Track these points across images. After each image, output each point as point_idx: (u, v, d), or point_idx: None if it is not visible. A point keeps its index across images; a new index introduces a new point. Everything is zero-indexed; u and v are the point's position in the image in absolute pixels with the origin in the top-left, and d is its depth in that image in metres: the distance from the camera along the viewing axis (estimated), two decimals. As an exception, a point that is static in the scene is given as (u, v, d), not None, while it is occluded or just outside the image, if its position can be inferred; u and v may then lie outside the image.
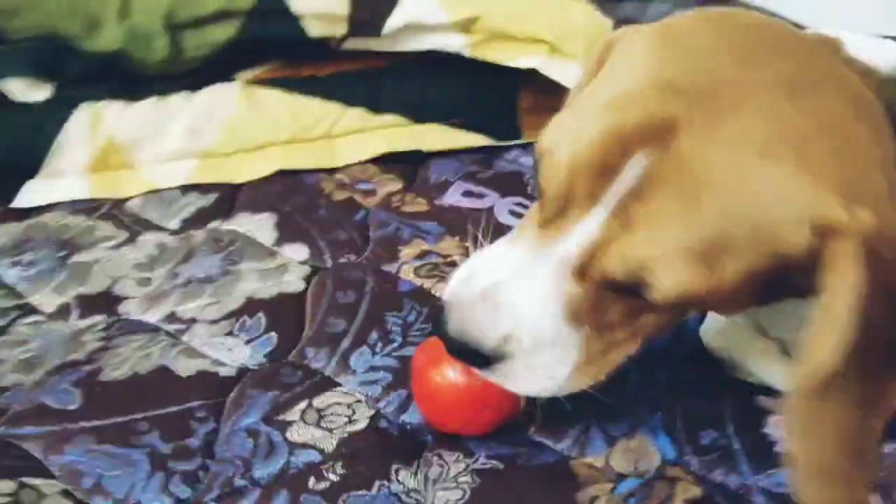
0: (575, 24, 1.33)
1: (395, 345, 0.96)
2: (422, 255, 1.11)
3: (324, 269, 1.09)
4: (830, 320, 0.55)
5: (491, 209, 1.23)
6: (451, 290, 0.68)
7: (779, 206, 0.56)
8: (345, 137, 1.34)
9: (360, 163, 1.33)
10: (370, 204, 1.24)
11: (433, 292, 1.05)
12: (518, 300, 0.63)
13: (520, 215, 1.22)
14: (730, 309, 0.68)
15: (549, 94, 1.41)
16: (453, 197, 1.26)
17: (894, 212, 0.57)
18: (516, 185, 1.30)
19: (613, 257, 0.58)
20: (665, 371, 0.88)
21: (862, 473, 0.61)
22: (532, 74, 1.37)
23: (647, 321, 0.65)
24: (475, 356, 0.66)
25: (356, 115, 1.34)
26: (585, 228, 0.59)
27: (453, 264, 1.09)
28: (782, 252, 0.57)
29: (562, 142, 0.60)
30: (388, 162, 1.34)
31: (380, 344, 0.96)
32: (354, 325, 0.98)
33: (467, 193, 1.27)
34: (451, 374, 0.75)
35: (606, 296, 0.62)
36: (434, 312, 0.77)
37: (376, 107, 1.36)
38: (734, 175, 0.56)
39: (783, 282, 0.59)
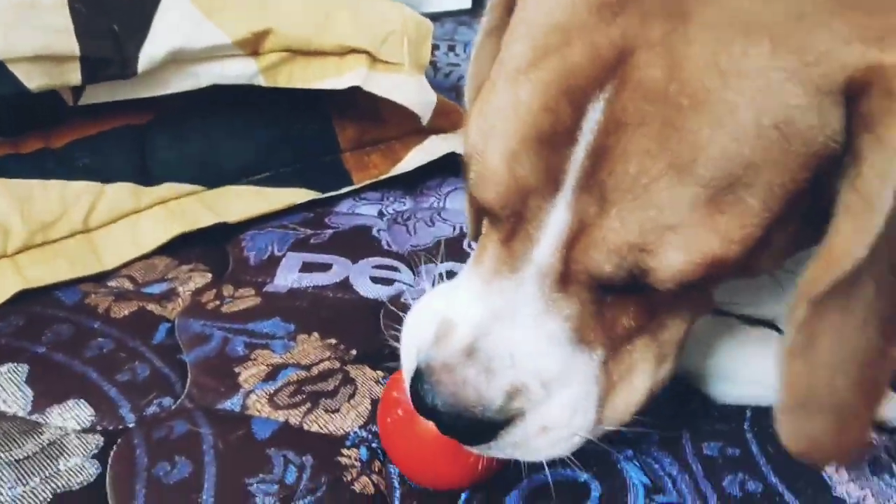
0: (391, 22, 1.02)
1: (277, 529, 0.58)
2: (273, 374, 0.74)
3: (125, 433, 0.68)
4: (862, 198, 0.45)
5: (346, 281, 0.88)
6: (424, 353, 0.55)
7: (791, 91, 0.44)
8: (110, 227, 0.93)
9: (142, 257, 0.93)
10: (172, 313, 0.84)
11: (306, 427, 0.68)
12: (509, 343, 0.52)
13: (385, 280, 0.89)
14: (763, 262, 0.53)
15: (375, 123, 1.10)
16: (289, 276, 0.90)
17: None
18: (365, 242, 0.97)
19: (596, 249, 0.48)
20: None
21: (870, 407, 0.52)
22: (349, 100, 1.05)
23: (670, 321, 0.55)
24: (478, 430, 0.53)
25: (121, 193, 0.94)
26: (553, 225, 0.49)
27: (324, 377, 0.73)
28: (812, 154, 0.46)
29: (491, 130, 0.50)
30: (181, 249, 0.94)
31: (251, 536, 0.58)
32: (200, 515, 0.59)
33: (307, 267, 0.91)
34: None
35: (606, 300, 0.52)
36: (411, 387, 0.55)
37: (147, 177, 0.97)
38: (722, 79, 0.44)
39: (821, 198, 0.48)
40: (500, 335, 0.52)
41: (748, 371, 0.68)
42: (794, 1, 0.45)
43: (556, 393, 0.53)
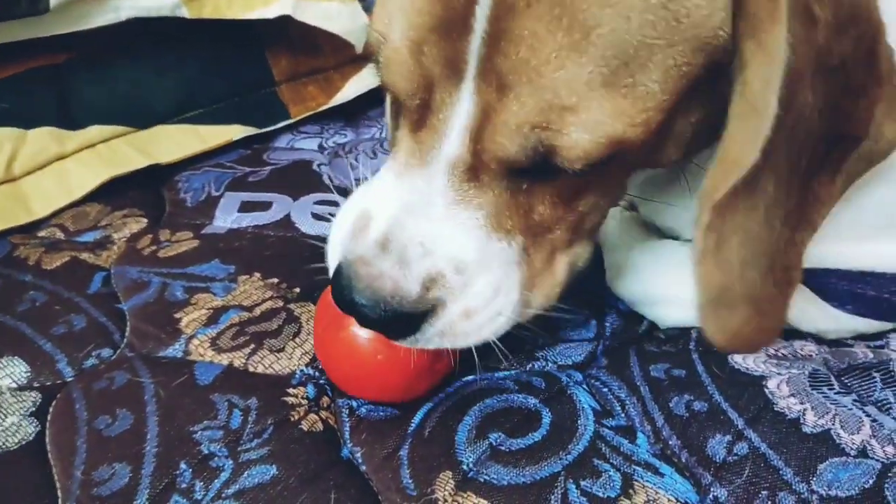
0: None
1: (226, 474, 0.58)
2: (215, 317, 0.72)
3: (63, 388, 0.66)
4: (750, 105, 0.46)
5: (287, 218, 0.86)
6: (342, 249, 0.56)
7: None
8: (36, 174, 0.89)
9: (73, 205, 0.89)
10: (107, 261, 0.81)
11: (251, 369, 0.67)
12: (422, 234, 0.53)
13: (327, 217, 0.87)
14: (673, 150, 0.54)
15: (310, 53, 1.06)
16: (228, 217, 0.88)
17: None
18: (306, 177, 0.95)
19: (499, 133, 0.48)
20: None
21: (785, 293, 0.54)
22: (282, 30, 1.01)
23: (583, 205, 0.56)
24: (399, 322, 0.54)
25: (44, 138, 0.90)
26: (458, 116, 0.49)
27: (268, 318, 0.72)
28: (702, 39, 0.46)
29: (392, 17, 0.49)
30: (114, 194, 0.91)
31: (199, 484, 0.57)
32: (146, 465, 0.59)
33: (246, 206, 0.89)
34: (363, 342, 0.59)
35: (521, 188, 0.53)
36: (332, 282, 0.56)
37: (71, 120, 0.92)
38: None
39: (722, 92, 0.49)
40: (413, 226, 0.53)
41: (688, 293, 0.68)
42: None
43: (475, 278, 0.54)
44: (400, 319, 0.54)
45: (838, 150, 0.52)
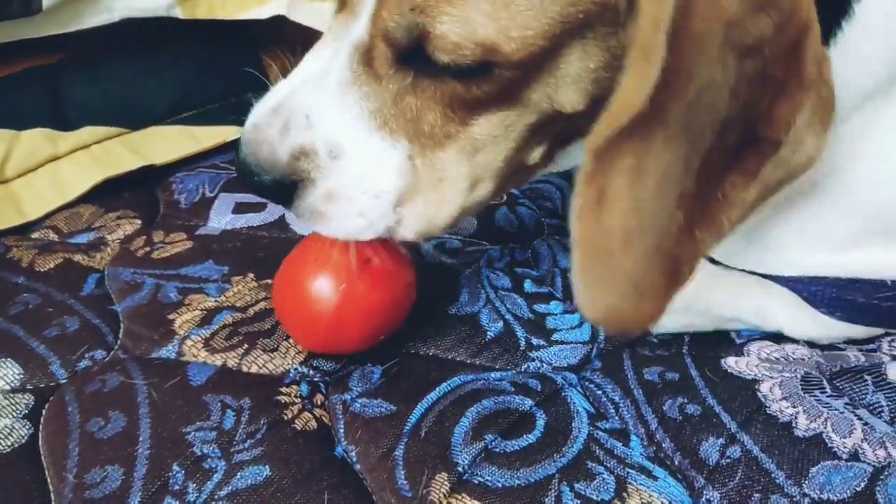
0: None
1: (218, 475, 0.58)
2: (209, 318, 0.72)
3: (56, 390, 0.66)
4: (640, 50, 0.45)
5: (281, 219, 0.86)
6: (248, 119, 0.58)
7: None
8: (29, 176, 0.89)
9: (66, 206, 0.89)
10: (101, 262, 0.81)
11: (245, 369, 0.67)
12: (310, 104, 0.54)
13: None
14: (572, 94, 0.53)
15: (305, 52, 1.06)
16: (222, 218, 0.87)
17: None
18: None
19: (387, 8, 0.49)
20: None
21: (669, 286, 0.51)
22: (276, 29, 1.00)
23: (478, 130, 0.54)
24: (274, 189, 0.56)
25: (37, 139, 0.89)
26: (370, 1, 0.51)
27: (261, 318, 0.72)
28: None
29: None
30: (108, 195, 0.91)
31: (192, 485, 0.57)
32: (138, 467, 0.59)
33: (241, 207, 0.89)
34: (320, 283, 0.63)
35: (408, 83, 0.53)
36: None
37: (64, 120, 0.92)
38: None
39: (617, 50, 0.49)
40: (304, 95, 0.55)
41: (678, 299, 0.68)
42: None
43: (345, 164, 0.56)
44: (273, 185, 0.56)
45: (754, 153, 0.50)
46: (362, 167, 0.56)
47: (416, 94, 0.53)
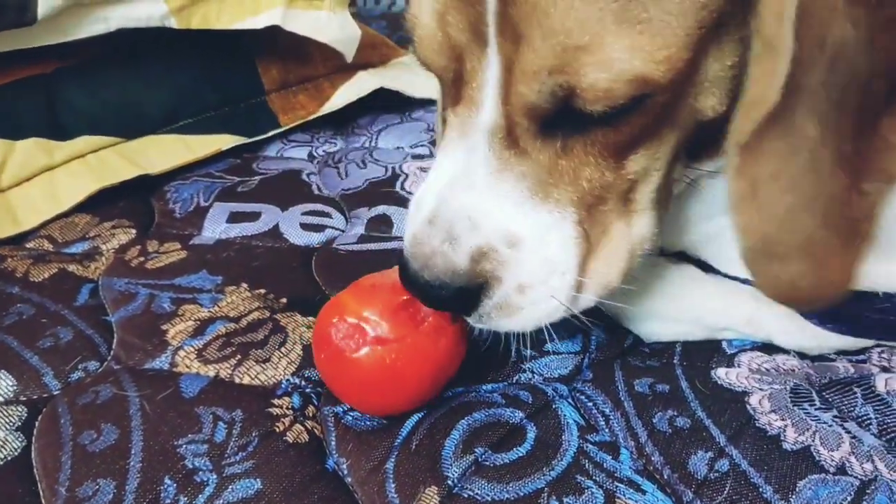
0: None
1: (210, 489, 0.58)
2: (202, 328, 0.73)
3: (49, 401, 0.66)
4: (765, 43, 0.45)
5: (275, 229, 0.87)
6: (406, 235, 0.56)
7: None
8: (24, 185, 0.89)
9: (61, 216, 0.89)
10: (95, 272, 0.81)
11: (237, 380, 0.67)
12: (467, 207, 0.53)
13: (316, 227, 0.87)
14: (714, 98, 0.52)
15: (300, 61, 1.07)
16: (217, 228, 0.88)
17: None
18: (295, 187, 0.95)
19: (521, 83, 0.48)
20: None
21: (852, 246, 0.51)
22: (271, 38, 1.01)
23: (632, 168, 0.54)
24: (457, 298, 0.54)
25: (33, 149, 0.90)
26: (490, 78, 0.49)
27: (254, 328, 0.72)
28: None
29: (423, 1, 0.50)
30: (103, 205, 0.91)
31: (183, 499, 0.58)
32: (130, 480, 0.59)
33: (235, 217, 0.89)
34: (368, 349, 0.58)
35: (560, 147, 0.52)
36: (400, 270, 0.57)
37: (60, 130, 0.92)
38: None
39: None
40: (458, 200, 0.53)
41: (672, 308, 0.68)
42: None
43: (528, 251, 0.54)
44: (456, 295, 0.54)
45: None
46: (543, 247, 0.54)
47: (567, 156, 0.52)
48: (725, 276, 0.67)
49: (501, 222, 0.53)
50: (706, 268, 0.68)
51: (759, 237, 0.51)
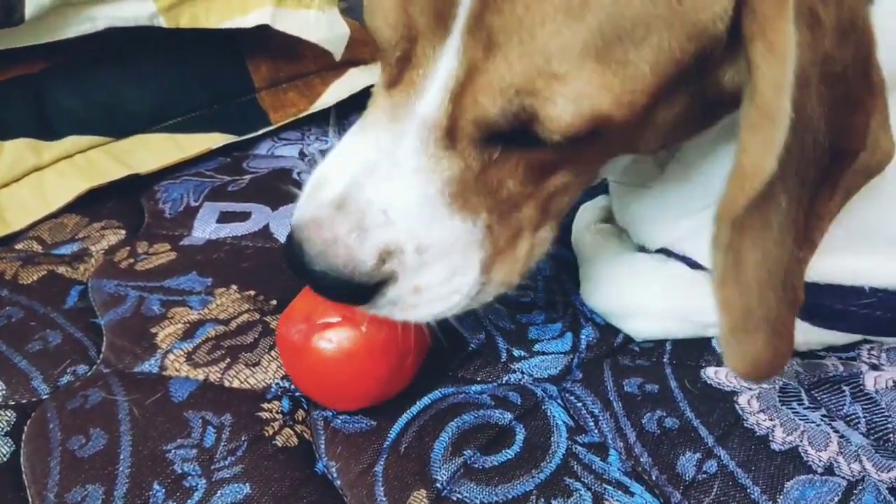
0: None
1: (199, 494, 0.58)
2: (191, 331, 0.72)
3: (38, 406, 0.66)
4: (762, 112, 0.44)
5: (265, 229, 0.86)
6: (297, 209, 0.52)
7: None
8: (12, 186, 0.89)
9: (50, 217, 0.88)
10: (84, 274, 0.81)
11: (227, 384, 0.67)
12: (383, 198, 0.49)
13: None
14: (652, 138, 0.53)
15: (290, 59, 1.06)
16: (206, 228, 0.87)
17: None
18: (286, 186, 0.94)
19: (483, 93, 0.45)
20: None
21: (792, 313, 0.52)
22: (261, 36, 1.00)
23: (554, 183, 0.53)
24: (350, 290, 0.51)
25: (21, 149, 0.89)
26: (441, 73, 0.46)
27: (243, 331, 0.72)
28: (699, 25, 0.44)
29: None
30: (92, 205, 0.91)
31: None
32: (118, 486, 0.59)
33: (225, 217, 0.89)
34: (333, 339, 0.59)
35: (493, 159, 0.49)
36: (284, 245, 0.56)
37: (49, 130, 0.92)
38: None
39: (707, 84, 0.49)
40: (374, 189, 0.49)
41: (659, 306, 0.68)
42: None
43: (433, 257, 0.52)
44: (350, 288, 0.51)
45: (837, 165, 0.50)
46: (448, 252, 0.52)
47: (497, 167, 0.50)
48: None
49: (416, 226, 0.50)
50: (692, 265, 0.68)
51: (740, 313, 0.50)
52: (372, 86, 1.12)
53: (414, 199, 0.49)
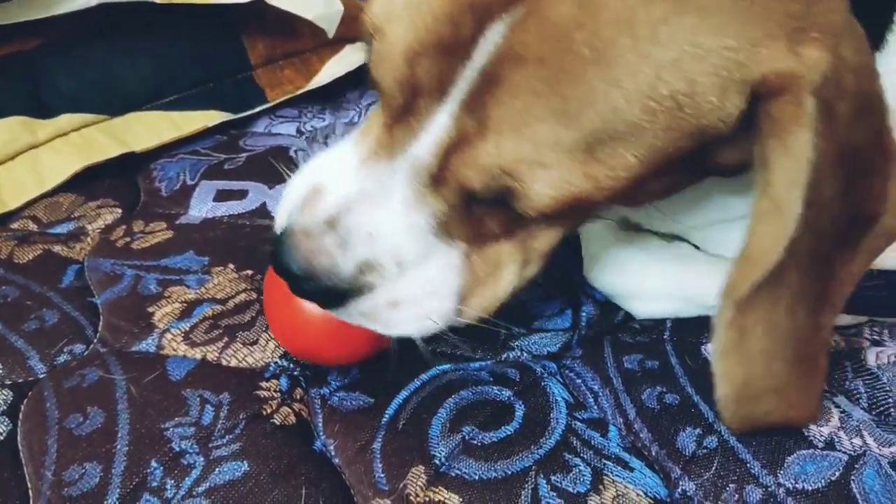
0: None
1: (197, 471, 0.57)
2: (188, 310, 0.72)
3: (35, 385, 0.66)
4: (774, 204, 0.46)
5: (262, 207, 0.86)
6: (289, 216, 0.55)
7: (700, 69, 0.43)
8: (7, 165, 0.88)
9: (45, 195, 0.88)
10: (81, 253, 0.81)
11: (224, 363, 0.66)
12: (371, 223, 0.53)
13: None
14: (634, 202, 0.56)
15: (287, 36, 1.05)
16: (203, 206, 0.87)
17: (852, 46, 0.45)
18: (283, 164, 0.93)
19: (468, 166, 0.48)
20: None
21: (815, 382, 0.55)
22: (257, 13, 0.99)
23: (540, 232, 0.56)
24: (327, 294, 0.55)
25: (15, 128, 0.89)
26: (435, 127, 0.48)
27: (241, 310, 0.71)
28: (701, 127, 0.45)
29: (394, 16, 0.47)
30: (88, 184, 0.90)
31: (170, 482, 0.57)
32: (116, 464, 0.58)
33: (222, 195, 0.88)
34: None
35: (475, 205, 0.52)
36: (270, 245, 0.56)
37: (43, 108, 0.91)
38: (632, 39, 0.43)
39: (702, 162, 0.50)
40: (364, 213, 0.53)
41: (663, 286, 0.68)
42: None
43: (411, 273, 0.54)
44: (327, 291, 0.54)
45: (856, 230, 0.51)
46: (425, 274, 0.55)
47: (480, 210, 0.53)
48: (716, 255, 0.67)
49: (397, 245, 0.53)
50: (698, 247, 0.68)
51: (740, 383, 0.53)
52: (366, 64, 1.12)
53: (400, 224, 0.53)
